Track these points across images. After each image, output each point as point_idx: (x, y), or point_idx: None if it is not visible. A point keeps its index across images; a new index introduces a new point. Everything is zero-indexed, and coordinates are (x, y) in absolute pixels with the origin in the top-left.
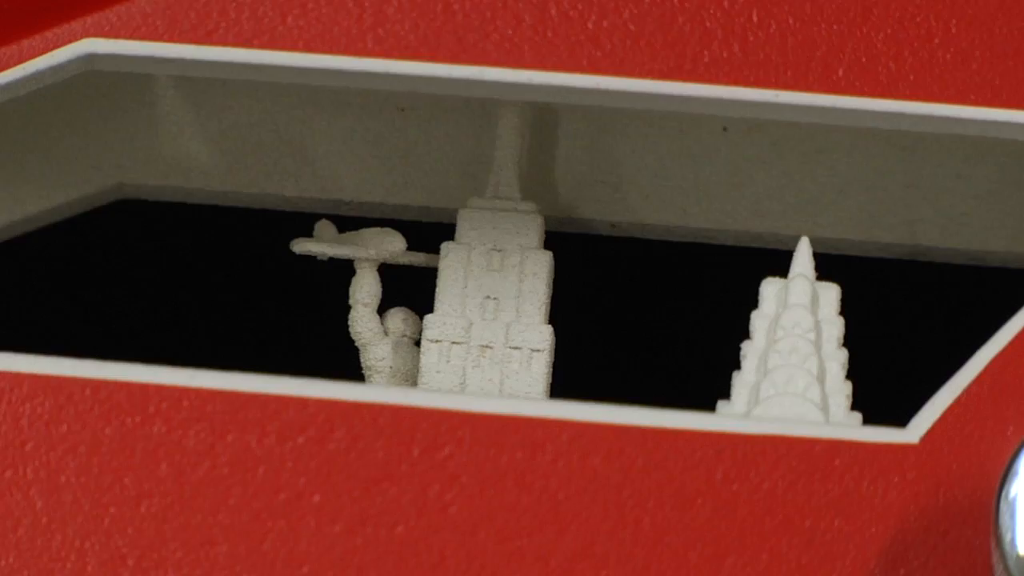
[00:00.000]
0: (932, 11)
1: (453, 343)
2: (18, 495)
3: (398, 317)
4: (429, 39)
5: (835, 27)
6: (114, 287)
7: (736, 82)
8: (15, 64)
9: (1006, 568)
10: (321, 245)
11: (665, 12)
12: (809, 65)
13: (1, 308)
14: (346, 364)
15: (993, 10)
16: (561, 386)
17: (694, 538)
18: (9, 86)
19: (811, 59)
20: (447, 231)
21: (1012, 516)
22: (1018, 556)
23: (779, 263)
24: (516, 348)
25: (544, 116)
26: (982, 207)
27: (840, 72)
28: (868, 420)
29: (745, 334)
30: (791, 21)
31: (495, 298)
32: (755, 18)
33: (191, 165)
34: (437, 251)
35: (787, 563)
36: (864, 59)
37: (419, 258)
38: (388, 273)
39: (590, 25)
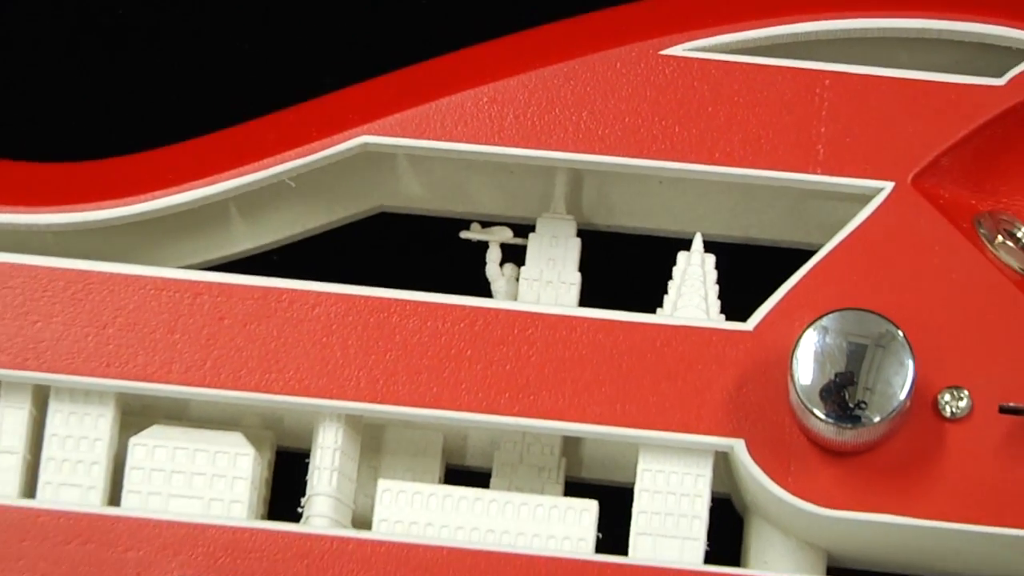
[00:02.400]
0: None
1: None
2: None
3: (508, 267)
4: None
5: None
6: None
7: (667, 158)
8: (322, 150)
9: (794, 393)
10: (477, 232)
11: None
12: (690, 147)
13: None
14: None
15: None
16: None
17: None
18: (318, 160)
19: (695, 142)
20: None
21: (795, 363)
22: (796, 382)
23: (686, 246)
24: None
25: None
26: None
27: (710, 148)
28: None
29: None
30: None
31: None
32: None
33: (412, 197)
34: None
35: (650, 410)
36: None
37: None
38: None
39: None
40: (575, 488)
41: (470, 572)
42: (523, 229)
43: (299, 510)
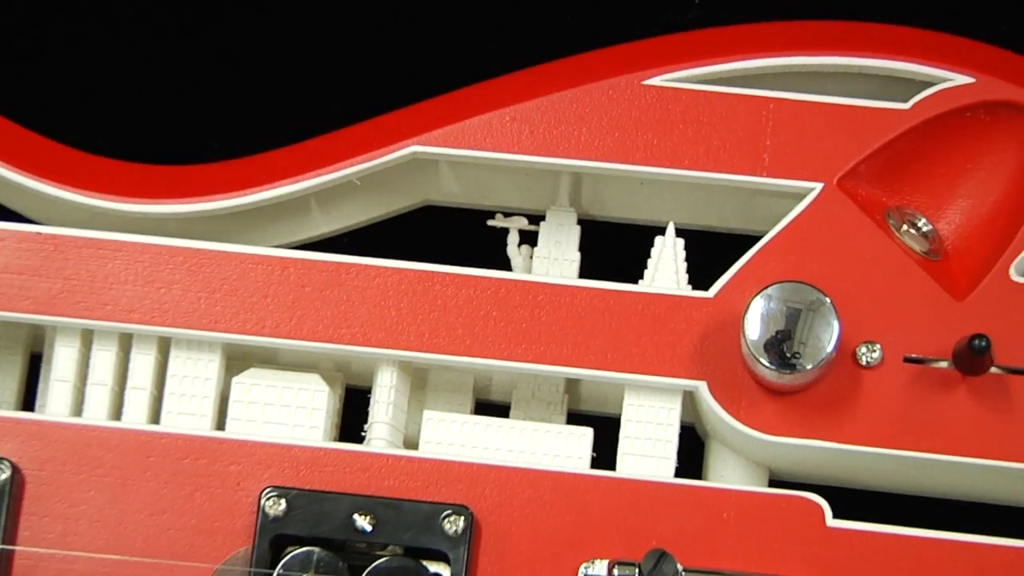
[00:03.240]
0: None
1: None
2: None
3: (524, 248)
4: None
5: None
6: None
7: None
8: (382, 156)
9: (745, 346)
10: (501, 220)
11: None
12: (665, 156)
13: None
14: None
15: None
16: None
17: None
18: (379, 165)
19: (669, 152)
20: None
21: (745, 323)
22: (746, 338)
23: (662, 232)
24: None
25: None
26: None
27: (680, 157)
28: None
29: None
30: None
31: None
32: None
33: (450, 193)
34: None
35: (633, 358)
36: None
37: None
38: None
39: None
40: (575, 418)
41: (494, 483)
42: (536, 218)
43: (362, 434)
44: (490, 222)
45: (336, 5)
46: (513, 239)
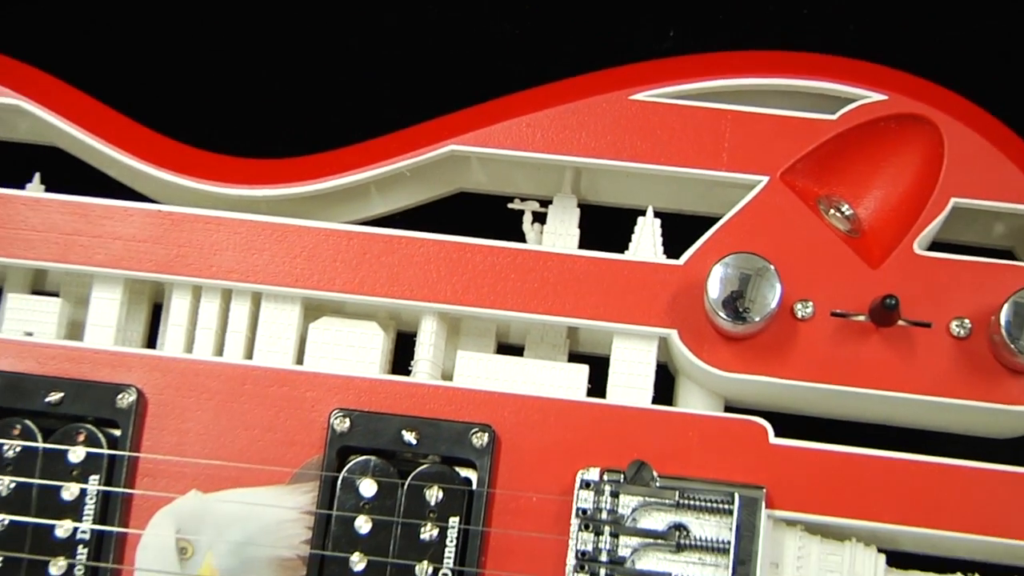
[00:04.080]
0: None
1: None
2: None
3: (536, 226)
4: None
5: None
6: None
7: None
8: (427, 153)
9: (707, 303)
10: (518, 204)
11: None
12: (647, 154)
13: None
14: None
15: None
16: None
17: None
18: (424, 159)
19: (649, 152)
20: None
21: (708, 285)
22: (708, 296)
23: (643, 213)
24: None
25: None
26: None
27: (658, 155)
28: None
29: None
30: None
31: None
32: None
33: (479, 183)
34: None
35: (620, 311)
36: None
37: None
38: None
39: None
40: (575, 357)
41: (511, 407)
42: (545, 203)
43: (409, 368)
44: (510, 205)
45: (391, 39)
46: (527, 218)
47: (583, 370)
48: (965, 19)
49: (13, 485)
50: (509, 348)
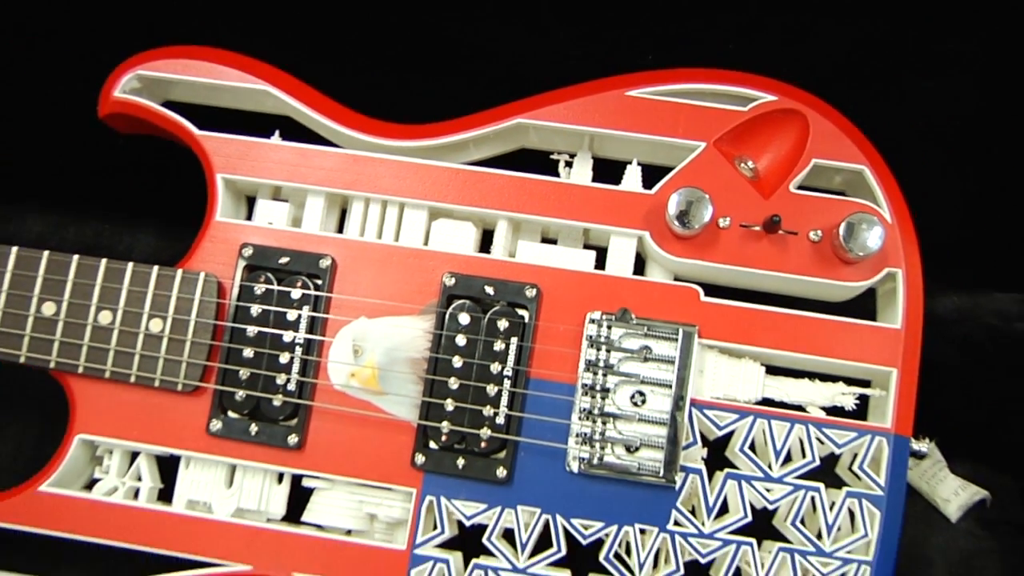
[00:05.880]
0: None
1: None
2: None
3: (567, 169)
4: None
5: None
6: None
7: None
8: (504, 122)
9: (667, 216)
10: (557, 155)
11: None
12: (632, 126)
13: None
14: None
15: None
16: None
17: None
18: (503, 128)
19: (633, 127)
20: None
21: (668, 206)
22: (667, 212)
23: (630, 162)
24: None
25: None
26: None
27: (640, 126)
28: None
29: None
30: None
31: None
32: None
33: (534, 143)
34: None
35: (611, 220)
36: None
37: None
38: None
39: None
40: (587, 246)
41: (549, 274)
42: (572, 155)
43: (490, 250)
44: (552, 156)
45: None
46: (562, 164)
47: (591, 255)
48: (823, 48)
49: (260, 310)
50: (549, 240)
